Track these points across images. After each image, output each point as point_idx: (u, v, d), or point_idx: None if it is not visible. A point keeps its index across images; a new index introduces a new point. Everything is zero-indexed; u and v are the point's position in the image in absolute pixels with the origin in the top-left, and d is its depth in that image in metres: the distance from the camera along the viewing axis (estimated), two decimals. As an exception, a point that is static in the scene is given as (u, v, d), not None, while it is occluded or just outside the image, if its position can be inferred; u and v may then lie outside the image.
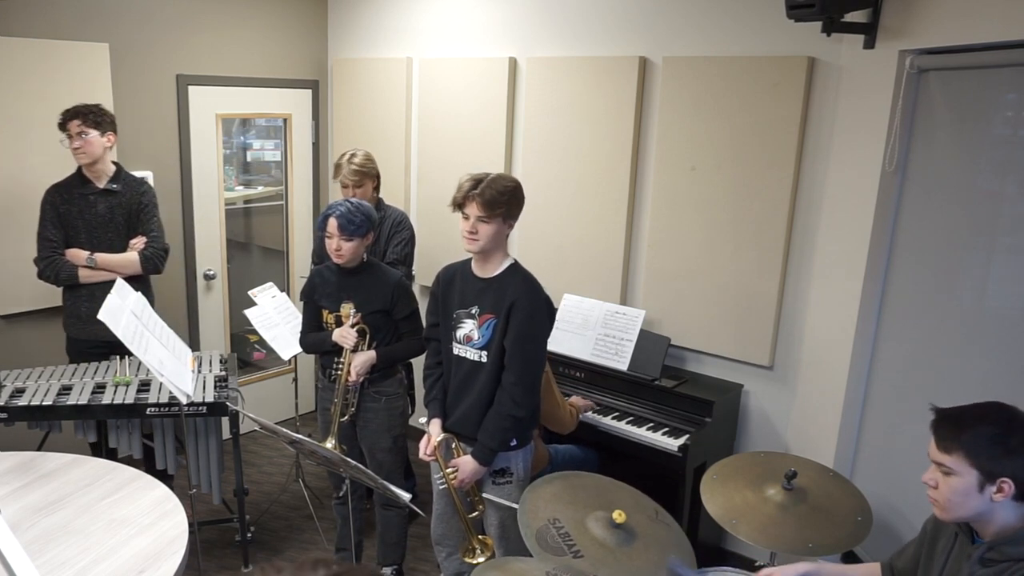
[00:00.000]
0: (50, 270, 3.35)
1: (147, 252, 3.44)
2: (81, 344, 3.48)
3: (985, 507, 1.66)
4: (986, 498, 1.64)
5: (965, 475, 1.65)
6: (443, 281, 2.73)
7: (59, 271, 3.34)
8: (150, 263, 3.45)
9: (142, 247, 3.44)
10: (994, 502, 1.64)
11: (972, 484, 1.65)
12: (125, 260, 3.41)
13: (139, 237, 3.45)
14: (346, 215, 2.88)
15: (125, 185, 3.44)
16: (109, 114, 3.37)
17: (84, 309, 3.40)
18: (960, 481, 1.66)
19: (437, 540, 2.89)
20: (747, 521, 2.35)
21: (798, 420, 3.17)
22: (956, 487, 1.67)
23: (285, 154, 4.79)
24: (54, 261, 3.34)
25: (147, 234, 3.46)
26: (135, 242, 3.45)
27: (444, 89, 4.17)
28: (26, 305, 3.78)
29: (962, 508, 1.68)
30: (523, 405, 2.56)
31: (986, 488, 1.64)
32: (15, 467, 2.60)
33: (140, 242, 3.44)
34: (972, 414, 1.69)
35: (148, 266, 3.45)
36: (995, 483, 1.63)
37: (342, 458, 2.52)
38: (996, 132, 2.51)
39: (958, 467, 1.66)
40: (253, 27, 4.43)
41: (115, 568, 2.09)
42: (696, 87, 3.26)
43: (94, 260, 3.36)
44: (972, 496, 1.65)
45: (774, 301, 3.19)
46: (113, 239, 3.42)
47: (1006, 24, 2.27)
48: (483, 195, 2.46)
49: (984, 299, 2.54)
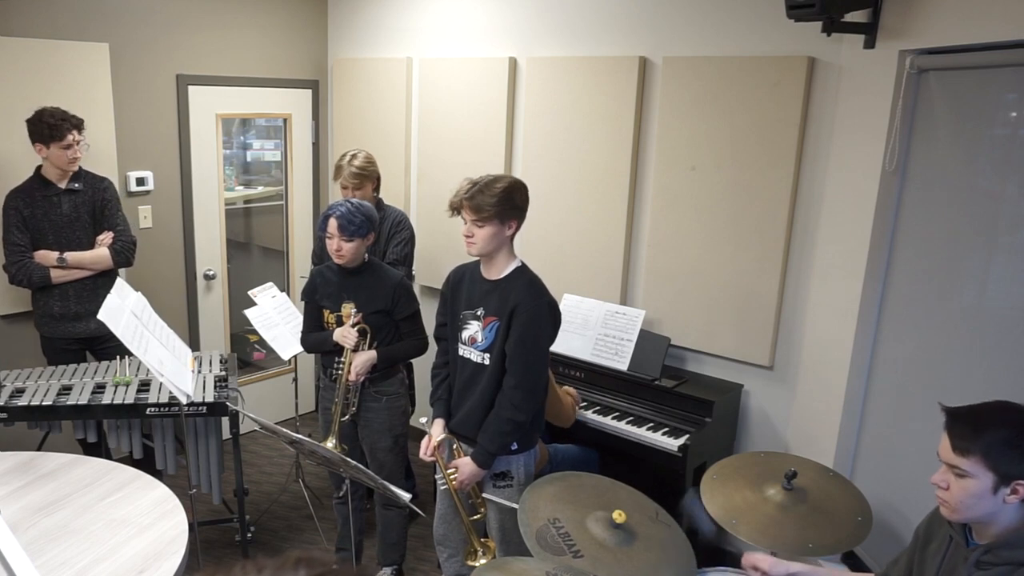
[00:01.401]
0: (22, 274, 3.38)
1: (116, 246, 3.50)
2: (56, 342, 3.53)
3: (996, 509, 1.64)
4: (999, 500, 1.62)
5: (981, 478, 1.62)
6: (452, 281, 2.74)
7: (31, 274, 3.38)
8: (121, 256, 3.52)
9: (111, 242, 3.49)
10: (1006, 504, 1.63)
11: (987, 487, 1.62)
12: (96, 256, 3.47)
13: (106, 232, 3.50)
14: (346, 216, 2.89)
15: (86, 183, 3.49)
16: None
17: (57, 308, 3.46)
18: (975, 484, 1.63)
19: (439, 541, 2.89)
20: (747, 521, 2.35)
21: (798, 420, 3.17)
22: (970, 489, 1.64)
23: (285, 154, 4.79)
24: (24, 265, 3.38)
25: (114, 229, 3.52)
26: (103, 238, 3.50)
27: (444, 89, 4.17)
28: (27, 305, 3.78)
29: (973, 510, 1.66)
30: (523, 409, 2.55)
31: (1000, 490, 1.62)
32: (15, 467, 2.60)
33: (108, 237, 3.50)
34: (988, 415, 1.66)
35: (120, 259, 3.52)
36: (1010, 485, 1.61)
37: (342, 458, 2.52)
38: (996, 132, 2.51)
39: (974, 470, 1.63)
40: (253, 27, 4.43)
41: (115, 568, 2.09)
42: (696, 87, 3.26)
43: (66, 260, 3.41)
44: (985, 498, 1.63)
45: (774, 301, 3.19)
46: (81, 237, 3.47)
47: (1006, 24, 2.27)
48: (473, 200, 2.46)
49: (984, 299, 2.54)
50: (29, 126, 3.34)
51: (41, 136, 3.32)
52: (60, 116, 3.32)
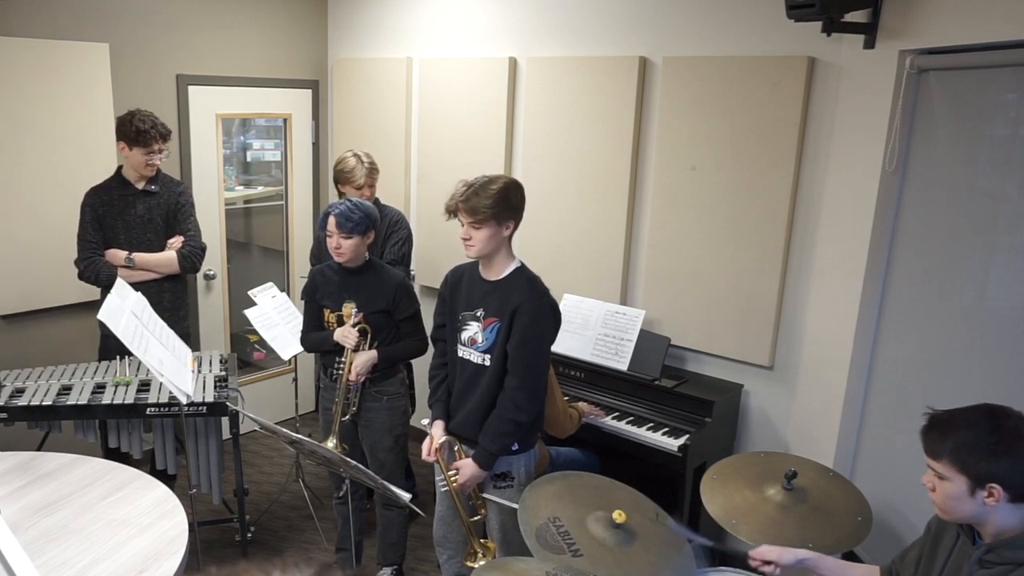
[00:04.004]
0: (90, 271, 3.40)
1: (184, 251, 3.51)
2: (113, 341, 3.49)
3: (980, 510, 1.67)
4: (979, 502, 1.65)
5: (955, 480, 1.66)
6: (451, 282, 2.73)
7: (99, 272, 3.39)
8: (188, 261, 3.52)
9: (180, 246, 3.50)
10: (987, 506, 1.65)
11: (963, 489, 1.66)
12: (163, 259, 3.48)
13: (177, 236, 3.52)
14: (345, 212, 2.90)
15: (163, 186, 3.51)
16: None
17: None
18: (952, 486, 1.67)
19: (438, 542, 2.89)
20: (747, 521, 2.35)
21: (798, 420, 3.17)
22: (949, 491, 1.68)
23: (285, 154, 4.79)
24: (94, 262, 3.40)
25: (184, 233, 3.54)
26: (173, 242, 3.51)
27: (444, 89, 4.17)
28: (26, 305, 3.78)
29: (958, 511, 1.69)
30: (525, 410, 2.55)
31: (977, 493, 1.65)
32: (15, 467, 2.60)
33: (178, 241, 3.52)
34: (959, 420, 1.69)
35: (186, 264, 3.52)
36: (985, 488, 1.64)
37: (342, 458, 2.52)
38: (996, 132, 2.50)
39: (948, 473, 1.67)
40: (253, 27, 4.43)
41: (115, 568, 2.09)
42: (696, 87, 3.26)
43: (133, 260, 3.42)
44: (965, 500, 1.66)
45: (774, 301, 3.19)
46: (152, 239, 3.49)
47: (1006, 24, 2.27)
48: (469, 202, 2.46)
49: (984, 299, 2.54)
50: (118, 124, 3.38)
51: (127, 137, 3.35)
52: (151, 123, 3.35)
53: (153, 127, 3.35)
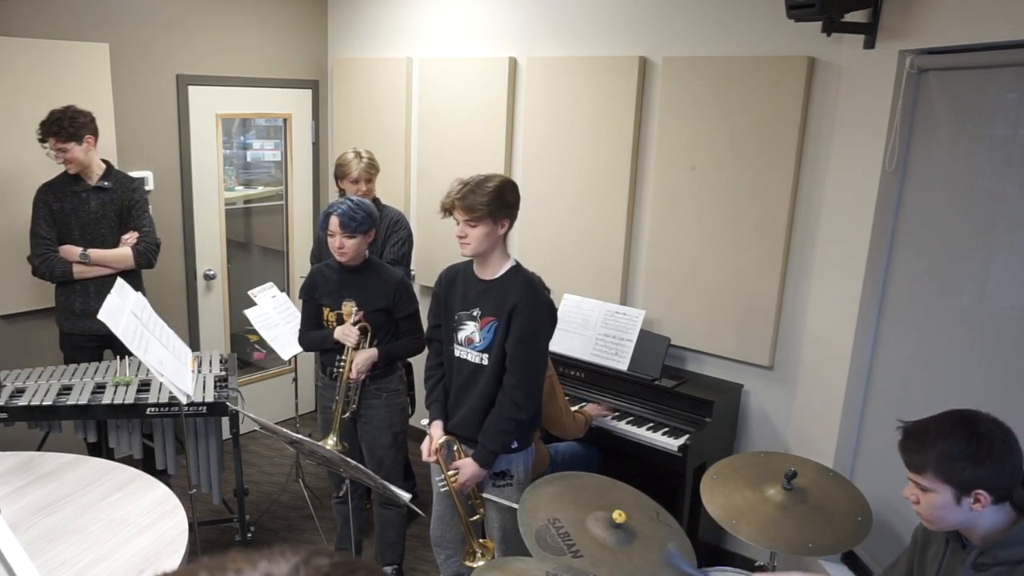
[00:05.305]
0: (44, 267, 3.40)
1: (140, 247, 3.51)
2: (75, 339, 3.53)
3: (967, 517, 1.66)
4: (965, 509, 1.65)
5: (940, 491, 1.66)
6: (445, 282, 2.73)
7: (53, 268, 3.40)
8: (143, 257, 3.52)
9: (135, 242, 3.50)
10: (974, 512, 1.65)
11: (949, 499, 1.65)
12: (118, 255, 3.48)
13: (131, 232, 3.51)
14: (348, 213, 2.90)
15: (116, 182, 3.50)
16: (83, 116, 3.33)
17: (78, 304, 3.46)
18: (937, 497, 1.67)
19: (436, 542, 2.89)
20: (747, 521, 2.35)
21: (798, 420, 3.17)
22: (935, 502, 1.67)
23: (285, 154, 4.79)
24: (48, 258, 3.39)
25: (139, 229, 3.52)
26: (127, 237, 3.51)
27: (444, 89, 4.17)
28: (26, 305, 3.78)
29: (946, 520, 1.69)
30: (524, 408, 2.55)
31: (963, 500, 1.64)
32: (15, 467, 2.60)
33: (133, 237, 3.51)
34: (934, 430, 1.68)
35: (141, 260, 3.52)
36: (971, 495, 1.63)
37: (342, 458, 2.52)
38: (996, 132, 2.50)
39: (932, 484, 1.67)
40: (253, 27, 4.43)
41: (115, 568, 2.09)
42: (696, 87, 3.26)
43: (87, 256, 3.42)
44: (952, 509, 1.66)
45: (774, 301, 3.19)
46: (106, 235, 3.48)
47: (1006, 24, 2.27)
48: (465, 200, 2.47)
49: (984, 299, 2.54)
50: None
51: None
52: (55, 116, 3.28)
53: (41, 127, 3.26)
